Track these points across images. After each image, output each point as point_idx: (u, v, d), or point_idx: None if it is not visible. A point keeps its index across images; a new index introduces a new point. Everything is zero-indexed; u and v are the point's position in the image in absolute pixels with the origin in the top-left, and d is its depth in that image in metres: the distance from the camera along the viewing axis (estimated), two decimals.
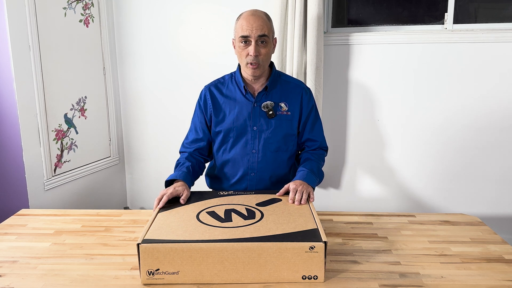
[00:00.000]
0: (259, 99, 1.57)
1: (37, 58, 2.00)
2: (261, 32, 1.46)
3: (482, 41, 2.20)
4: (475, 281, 1.08)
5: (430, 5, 2.34)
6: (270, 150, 1.58)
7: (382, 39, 2.30)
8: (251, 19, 1.47)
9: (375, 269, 1.13)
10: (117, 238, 1.32)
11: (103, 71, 2.48)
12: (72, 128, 2.27)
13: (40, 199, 2.08)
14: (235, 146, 1.60)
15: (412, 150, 2.40)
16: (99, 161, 2.50)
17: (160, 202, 1.30)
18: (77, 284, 1.06)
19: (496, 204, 2.37)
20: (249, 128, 1.57)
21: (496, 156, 2.31)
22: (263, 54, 1.49)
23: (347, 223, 1.44)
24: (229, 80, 1.63)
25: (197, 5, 2.44)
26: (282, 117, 1.58)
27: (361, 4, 2.44)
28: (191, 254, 1.03)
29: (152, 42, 2.53)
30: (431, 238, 1.32)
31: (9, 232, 1.37)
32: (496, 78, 2.23)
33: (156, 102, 2.61)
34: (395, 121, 2.38)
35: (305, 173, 1.47)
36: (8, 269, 1.14)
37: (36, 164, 2.05)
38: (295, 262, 1.04)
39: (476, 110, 2.28)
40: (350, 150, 2.47)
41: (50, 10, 2.08)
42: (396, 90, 2.34)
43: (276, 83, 1.60)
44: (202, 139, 1.64)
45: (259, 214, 1.23)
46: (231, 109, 1.58)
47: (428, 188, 2.42)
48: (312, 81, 2.22)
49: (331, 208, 2.49)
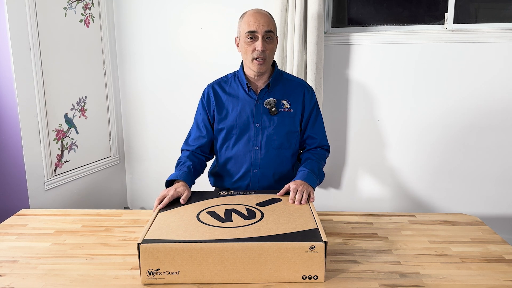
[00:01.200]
0: (262, 96, 1.58)
1: (37, 58, 2.00)
2: (268, 28, 1.50)
3: (482, 41, 2.20)
4: (475, 281, 1.08)
5: (430, 5, 2.34)
6: (273, 147, 1.60)
7: (382, 39, 2.30)
8: (258, 16, 1.50)
9: (375, 269, 1.13)
10: (117, 238, 1.32)
11: (103, 71, 2.48)
12: (73, 128, 2.27)
13: (41, 199, 2.08)
14: (238, 143, 1.60)
15: (412, 150, 2.40)
16: (99, 161, 2.50)
17: (161, 204, 1.30)
18: (77, 284, 1.06)
19: (496, 204, 2.37)
20: (252, 125, 1.58)
21: (496, 156, 2.31)
22: (269, 50, 1.52)
23: (347, 223, 1.44)
24: (232, 78, 1.65)
25: (197, 5, 2.44)
26: (284, 114, 1.59)
27: (361, 4, 2.44)
28: (191, 254, 1.03)
29: (152, 42, 2.53)
30: (431, 238, 1.32)
31: (9, 232, 1.37)
32: (496, 78, 2.23)
33: (156, 102, 2.61)
34: (395, 121, 2.38)
35: (305, 173, 1.48)
36: (8, 269, 1.14)
37: (36, 164, 2.05)
38: (295, 262, 1.04)
39: (476, 110, 2.28)
40: (350, 150, 2.47)
41: (50, 10, 2.08)
42: (396, 90, 2.34)
43: (278, 81, 1.61)
44: (205, 137, 1.65)
45: (259, 214, 1.23)
46: (234, 106, 1.60)
47: (428, 188, 2.42)
48: (312, 80, 2.22)
49: (331, 208, 2.49)
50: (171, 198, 1.33)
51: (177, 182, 1.44)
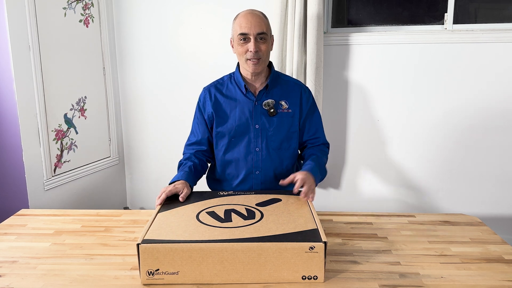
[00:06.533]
0: (260, 98, 1.58)
1: (37, 58, 2.00)
2: (260, 30, 1.49)
3: (482, 41, 2.20)
4: (475, 281, 1.08)
5: (430, 5, 2.34)
6: (273, 148, 1.59)
7: (382, 39, 2.30)
8: (249, 17, 1.50)
9: (375, 269, 1.13)
10: (117, 238, 1.32)
11: (103, 71, 2.48)
12: (72, 128, 2.27)
13: (40, 199, 2.08)
14: (238, 145, 1.60)
15: (412, 150, 2.40)
16: (99, 161, 2.50)
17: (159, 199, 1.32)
18: (77, 284, 1.06)
19: (496, 204, 2.37)
20: (252, 126, 1.58)
21: (496, 156, 2.31)
22: (263, 49, 1.51)
23: (347, 223, 1.44)
24: (228, 80, 1.64)
25: (197, 5, 2.44)
26: (283, 114, 1.59)
27: (361, 4, 2.44)
28: (191, 254, 1.03)
29: (152, 42, 2.53)
30: (431, 238, 1.32)
31: (9, 232, 1.37)
32: (496, 79, 2.23)
33: (156, 102, 2.61)
34: (395, 121, 2.38)
35: (311, 166, 1.48)
36: (8, 269, 1.14)
37: (36, 164, 2.05)
38: (295, 262, 1.04)
39: (476, 110, 2.28)
40: (350, 150, 2.47)
41: (50, 10, 2.08)
42: (396, 90, 2.34)
43: (276, 82, 1.61)
44: (203, 141, 1.64)
45: (259, 214, 1.23)
46: (232, 108, 1.59)
47: (428, 188, 2.42)
48: (312, 81, 2.22)
49: (331, 208, 2.49)
50: (169, 193, 1.34)
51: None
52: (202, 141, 1.64)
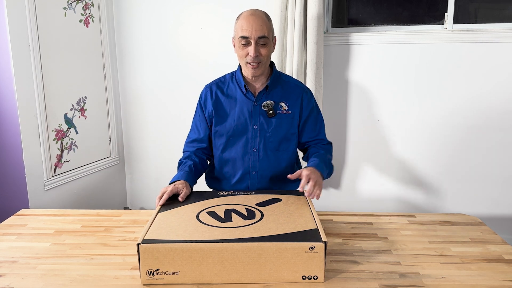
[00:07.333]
0: (260, 98, 1.58)
1: (37, 58, 2.00)
2: (261, 34, 1.47)
3: (482, 41, 2.20)
4: (475, 281, 1.08)
5: (430, 5, 2.34)
6: (271, 149, 1.59)
7: (382, 39, 2.30)
8: (251, 19, 1.47)
9: (375, 269, 1.13)
10: (117, 238, 1.32)
11: (103, 71, 2.48)
12: (72, 128, 2.27)
13: (40, 199, 2.08)
14: (236, 145, 1.60)
15: (412, 150, 2.40)
16: (99, 161, 2.50)
17: (160, 200, 1.31)
18: (77, 284, 1.06)
19: (496, 204, 2.37)
20: (250, 126, 1.58)
21: (496, 156, 2.31)
22: (263, 54, 1.49)
23: (347, 223, 1.44)
24: (229, 79, 1.63)
25: (197, 5, 2.44)
26: (282, 116, 1.58)
27: (361, 4, 2.44)
28: (191, 254, 1.03)
29: (152, 42, 2.53)
30: (431, 238, 1.32)
31: (9, 232, 1.37)
32: (496, 78, 2.23)
33: (156, 102, 2.61)
34: (395, 121, 2.38)
35: (316, 162, 1.47)
36: (8, 269, 1.14)
37: (36, 164, 2.05)
38: (295, 262, 1.04)
39: (476, 110, 2.28)
40: (350, 150, 2.47)
41: (50, 10, 2.08)
42: (396, 90, 2.34)
43: (277, 83, 1.60)
44: (203, 139, 1.64)
45: (259, 214, 1.23)
46: (231, 108, 1.59)
47: (428, 188, 2.42)
48: (312, 81, 2.22)
49: (331, 208, 2.49)
50: (170, 193, 1.34)
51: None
52: (203, 139, 1.64)
